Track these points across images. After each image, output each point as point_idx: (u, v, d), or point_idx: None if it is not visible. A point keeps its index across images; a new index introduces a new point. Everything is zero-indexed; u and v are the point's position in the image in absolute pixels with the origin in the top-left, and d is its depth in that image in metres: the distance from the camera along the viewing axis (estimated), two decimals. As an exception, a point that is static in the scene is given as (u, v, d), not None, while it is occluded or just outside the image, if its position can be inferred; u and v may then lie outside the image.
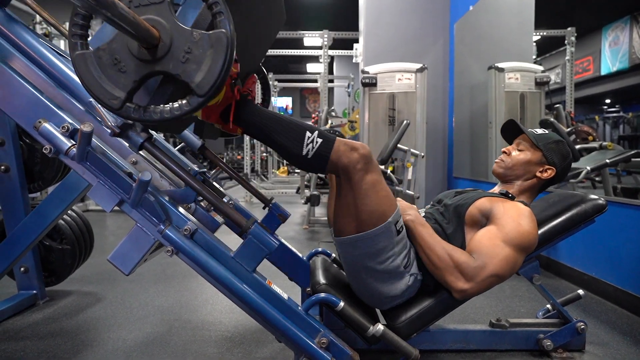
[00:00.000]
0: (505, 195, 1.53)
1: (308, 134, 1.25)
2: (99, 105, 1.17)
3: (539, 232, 1.63)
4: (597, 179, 3.49)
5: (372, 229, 1.30)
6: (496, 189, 1.62)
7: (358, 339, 1.39)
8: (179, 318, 2.00)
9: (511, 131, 1.65)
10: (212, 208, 1.63)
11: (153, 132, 1.81)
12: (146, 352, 1.66)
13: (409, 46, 4.74)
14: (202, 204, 1.65)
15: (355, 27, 5.53)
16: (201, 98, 1.01)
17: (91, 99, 1.19)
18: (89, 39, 1.04)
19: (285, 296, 1.30)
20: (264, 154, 9.87)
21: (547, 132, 1.58)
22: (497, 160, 1.61)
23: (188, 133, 1.81)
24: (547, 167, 1.53)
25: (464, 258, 1.35)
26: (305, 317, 1.27)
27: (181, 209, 1.29)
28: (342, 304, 1.32)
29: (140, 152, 1.45)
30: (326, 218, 4.15)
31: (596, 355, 1.67)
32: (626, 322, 2.00)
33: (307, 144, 1.24)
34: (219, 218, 1.67)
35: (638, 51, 4.87)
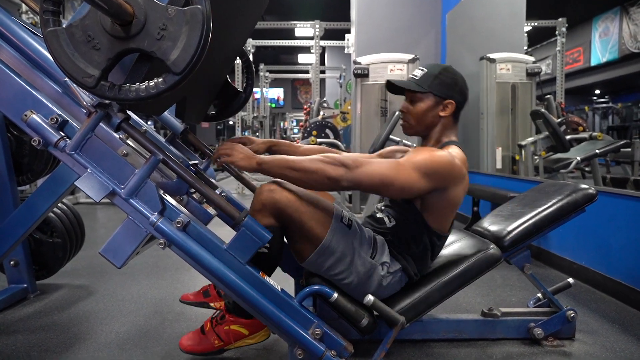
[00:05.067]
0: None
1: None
2: (74, 85, 1.14)
3: (531, 222, 1.65)
4: (586, 169, 3.54)
5: (325, 236, 1.35)
6: None
7: (352, 330, 1.39)
8: (172, 310, 1.99)
9: (394, 86, 1.54)
10: (204, 200, 1.62)
11: (143, 123, 1.80)
12: (139, 345, 1.65)
13: (401, 37, 4.73)
14: (194, 196, 1.64)
15: (347, 17, 5.50)
16: (177, 76, 0.99)
17: (66, 79, 1.17)
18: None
19: (278, 288, 1.30)
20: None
21: (425, 69, 1.49)
22: (401, 123, 1.54)
23: (170, 117, 1.78)
24: (445, 102, 1.46)
25: (340, 155, 1.32)
26: (298, 308, 1.28)
27: (173, 201, 1.29)
28: (335, 294, 1.32)
29: (131, 143, 1.43)
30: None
31: (586, 342, 1.69)
32: (615, 310, 2.04)
33: None
34: (211, 210, 1.66)
35: (627, 42, 4.90)
